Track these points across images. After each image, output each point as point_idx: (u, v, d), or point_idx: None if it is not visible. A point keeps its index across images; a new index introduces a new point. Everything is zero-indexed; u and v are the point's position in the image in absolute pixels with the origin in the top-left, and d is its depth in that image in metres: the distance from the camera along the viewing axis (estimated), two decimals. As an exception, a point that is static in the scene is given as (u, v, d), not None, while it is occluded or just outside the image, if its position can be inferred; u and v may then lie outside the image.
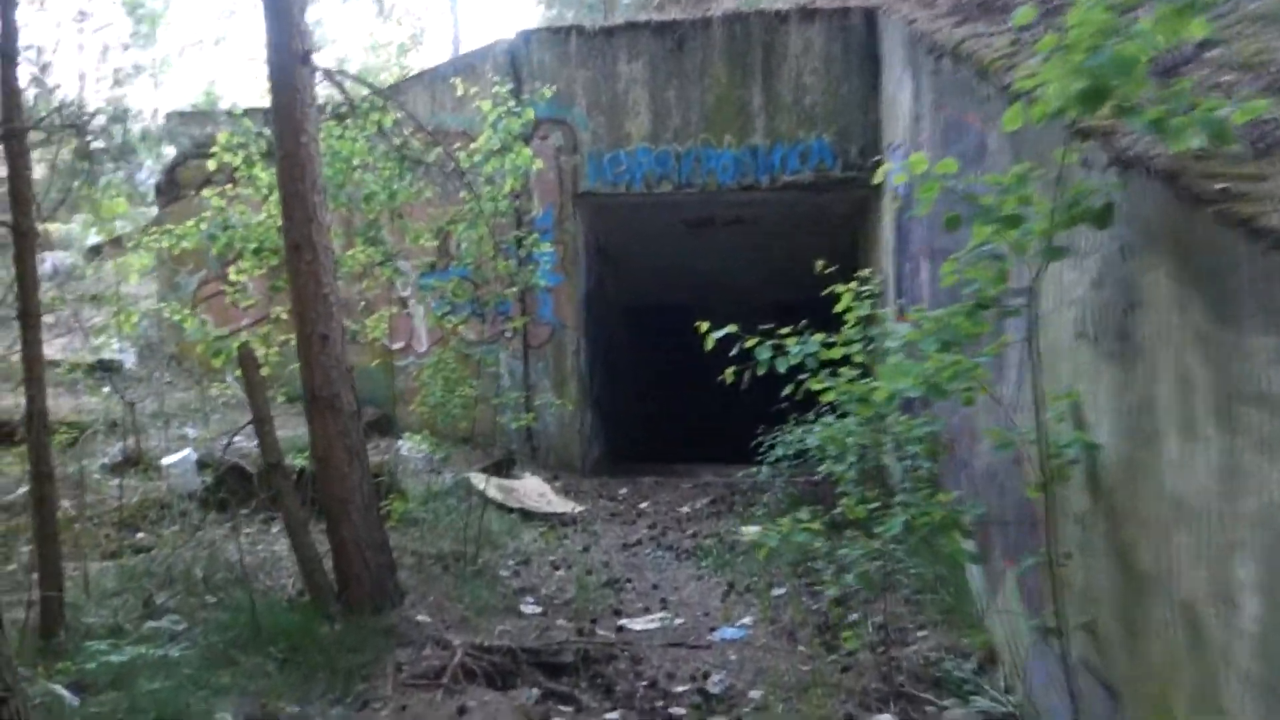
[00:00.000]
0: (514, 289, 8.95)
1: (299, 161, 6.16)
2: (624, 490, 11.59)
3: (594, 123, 12.06)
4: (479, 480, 10.30)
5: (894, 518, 4.32)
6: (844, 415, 6.81)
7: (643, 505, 10.88)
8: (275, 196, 6.86)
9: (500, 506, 9.91)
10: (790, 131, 11.82)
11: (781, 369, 5.32)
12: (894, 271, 10.42)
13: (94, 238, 13.62)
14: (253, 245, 7.22)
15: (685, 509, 10.68)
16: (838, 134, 11.73)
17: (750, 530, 9.37)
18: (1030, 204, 3.43)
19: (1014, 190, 3.37)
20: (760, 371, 5.26)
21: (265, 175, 7.67)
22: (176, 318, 7.96)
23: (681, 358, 19.23)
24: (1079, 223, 3.34)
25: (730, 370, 5.35)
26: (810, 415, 9.94)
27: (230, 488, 8.00)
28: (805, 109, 11.83)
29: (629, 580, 7.86)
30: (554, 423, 12.21)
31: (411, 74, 13.64)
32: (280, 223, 6.48)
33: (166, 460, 8.32)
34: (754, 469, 10.00)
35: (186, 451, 8.40)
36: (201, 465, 8.45)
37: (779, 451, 9.70)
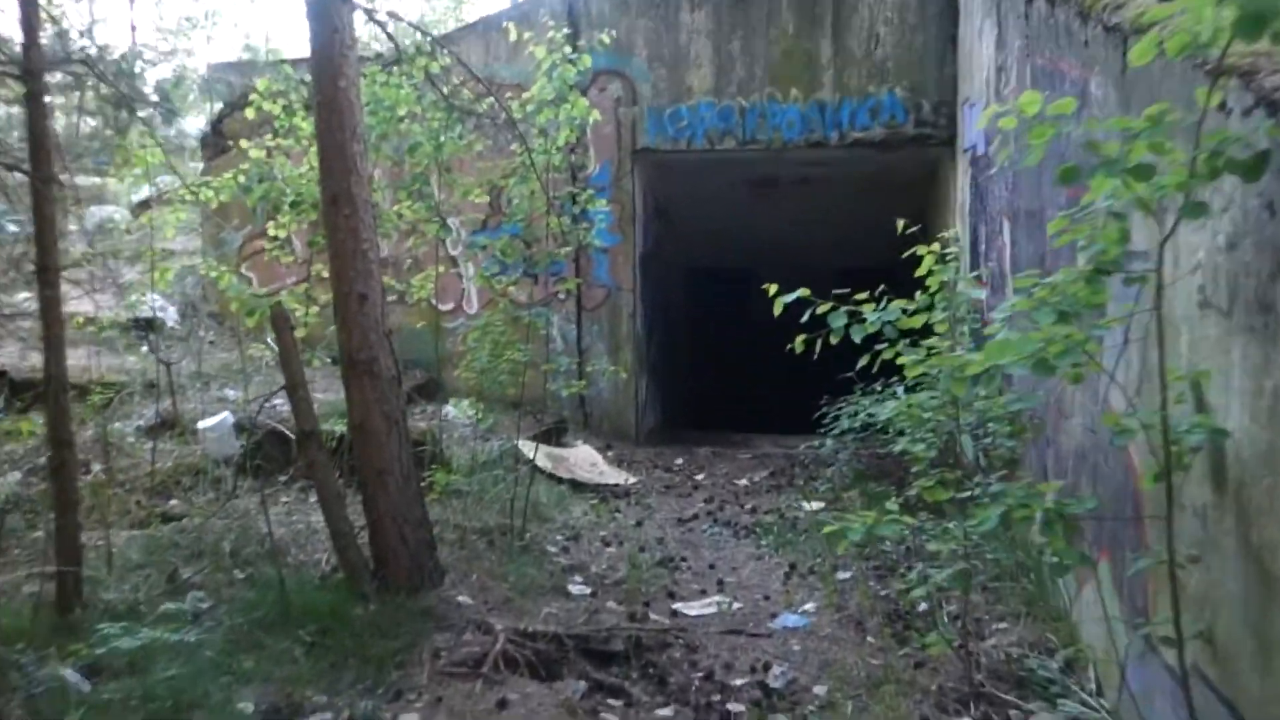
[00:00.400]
0: (568, 249, 8.56)
1: (337, 108, 5.79)
2: (679, 461, 11.22)
3: (654, 75, 11.60)
4: (528, 448, 9.97)
5: (985, 508, 3.88)
6: (914, 388, 6.37)
7: (699, 477, 10.50)
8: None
9: (550, 476, 9.59)
10: (860, 86, 11.28)
11: (857, 338, 4.88)
12: (969, 236, 9.89)
13: (143, 192, 13.43)
14: (290, 198, 6.88)
15: (743, 482, 10.28)
16: (910, 89, 11.17)
17: (813, 506, 8.96)
18: (1162, 153, 2.96)
19: (1147, 136, 2.90)
20: (834, 340, 4.83)
21: (306, 125, 7.32)
22: (213, 274, 7.65)
23: (741, 324, 18.83)
24: (1223, 174, 2.86)
25: (801, 338, 4.93)
26: (877, 385, 9.51)
27: (268, 454, 7.74)
28: (876, 62, 11.28)
29: (684, 559, 7.49)
30: (608, 389, 11.85)
31: (464, 24, 13.23)
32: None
33: (203, 424, 8.06)
34: (816, 442, 9.59)
35: (224, 415, 8.14)
36: (239, 429, 8.18)
37: (844, 424, 9.27)
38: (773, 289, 4.96)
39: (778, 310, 4.91)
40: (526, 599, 6.23)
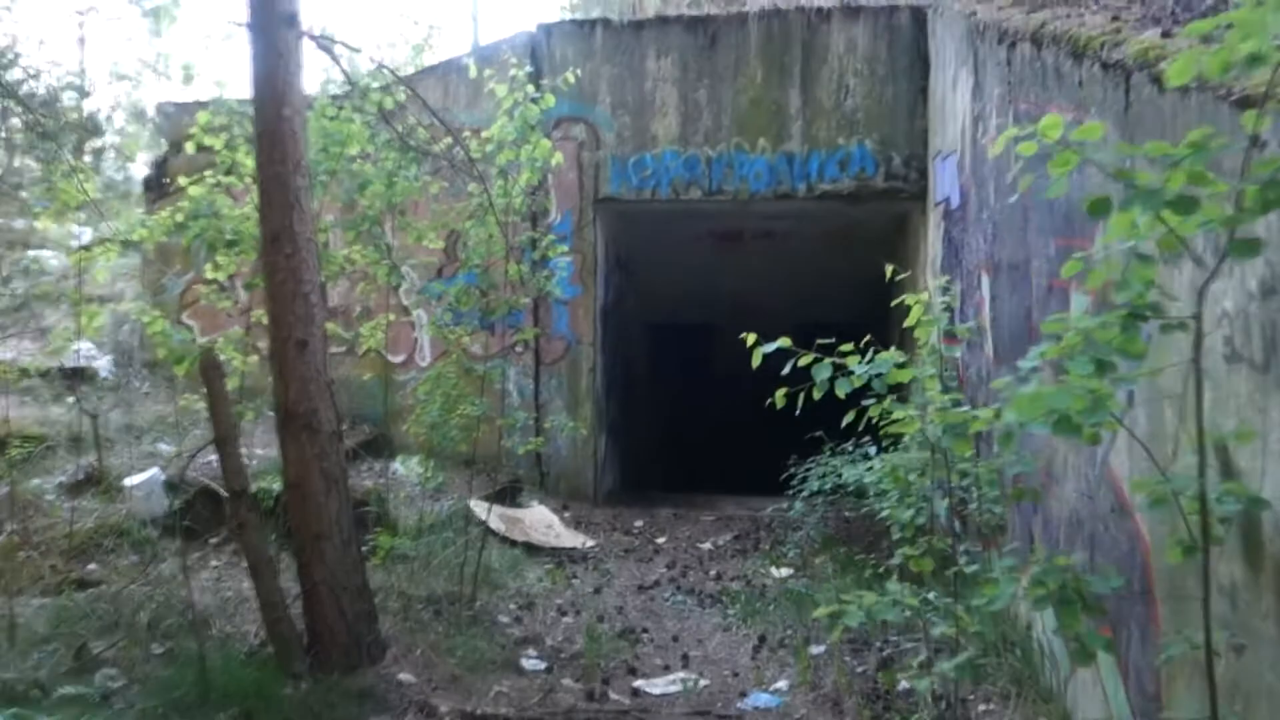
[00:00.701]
0: (525, 300, 8.17)
1: (279, 138, 5.39)
2: (639, 523, 10.77)
3: (618, 123, 11.31)
4: (480, 509, 9.53)
5: (994, 585, 3.49)
6: (888, 448, 6.02)
7: (660, 540, 10.06)
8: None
9: (503, 539, 9.13)
10: (829, 138, 11.04)
11: (842, 392, 4.53)
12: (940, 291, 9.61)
13: (84, 236, 12.89)
14: (227, 237, 6.42)
15: (707, 545, 9.86)
16: (880, 141, 10.95)
17: (781, 572, 8.55)
18: (1204, 184, 2.63)
19: (1189, 163, 2.56)
20: (817, 395, 4.46)
21: (250, 161, 6.89)
22: (145, 320, 7.15)
23: (703, 380, 18.48)
24: (1274, 207, 2.53)
25: (781, 393, 4.56)
26: (848, 445, 9.17)
27: (198, 514, 7.22)
28: (846, 114, 11.05)
29: (646, 630, 7.03)
30: (565, 447, 11.40)
31: (423, 68, 12.90)
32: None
33: (130, 480, 7.54)
34: (784, 504, 9.21)
35: (152, 471, 7.61)
36: (169, 487, 7.65)
37: (813, 485, 8.92)
38: (751, 338, 4.61)
39: (756, 361, 4.55)
40: (475, 676, 5.76)
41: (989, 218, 7.41)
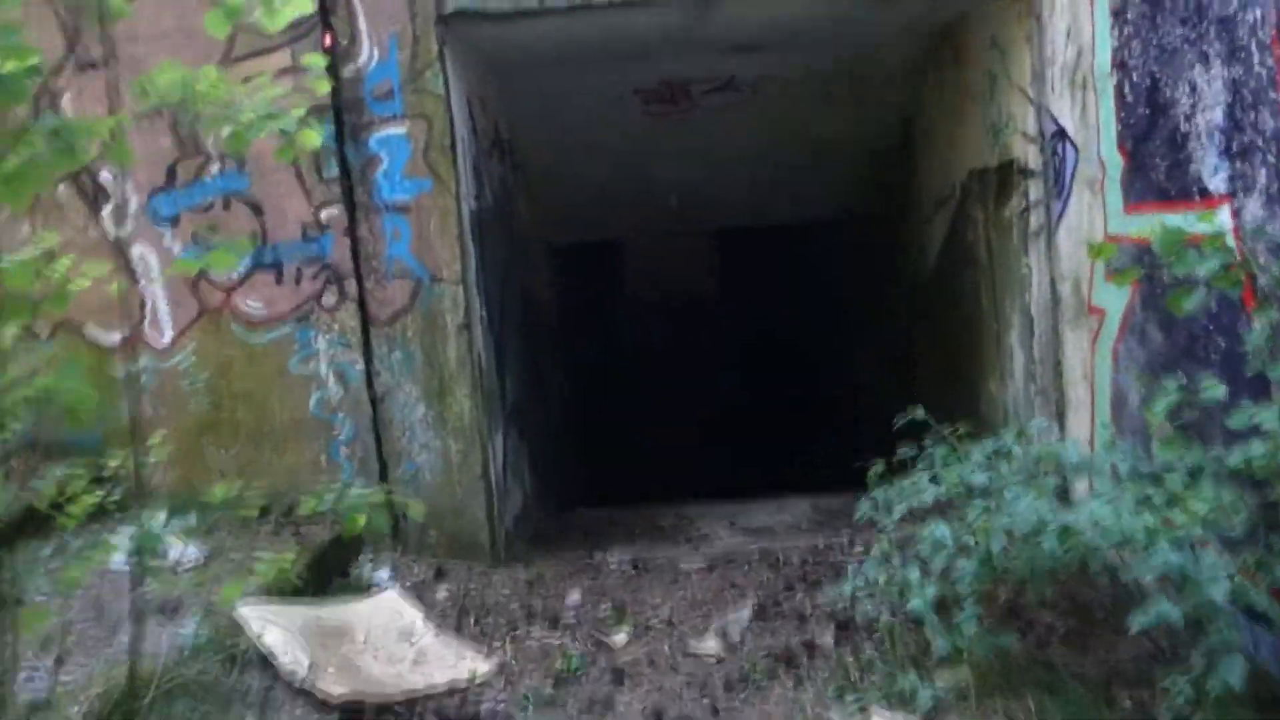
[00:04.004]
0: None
1: None
2: (575, 596, 6.19)
3: (467, -127, 6.55)
4: (257, 623, 5.10)
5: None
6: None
7: (618, 638, 5.53)
8: None
9: (300, 694, 4.69)
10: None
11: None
12: (1106, 125, 5.27)
13: None
14: None
15: (710, 645, 5.36)
16: None
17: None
18: None
19: None
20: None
21: None
22: None
23: (650, 318, 14.05)
24: None
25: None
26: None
27: None
28: None
29: None
30: (432, 464, 6.80)
31: None
32: None
33: None
34: (889, 581, 4.78)
35: None
36: None
37: (954, 537, 4.57)
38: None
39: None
40: None
41: None
